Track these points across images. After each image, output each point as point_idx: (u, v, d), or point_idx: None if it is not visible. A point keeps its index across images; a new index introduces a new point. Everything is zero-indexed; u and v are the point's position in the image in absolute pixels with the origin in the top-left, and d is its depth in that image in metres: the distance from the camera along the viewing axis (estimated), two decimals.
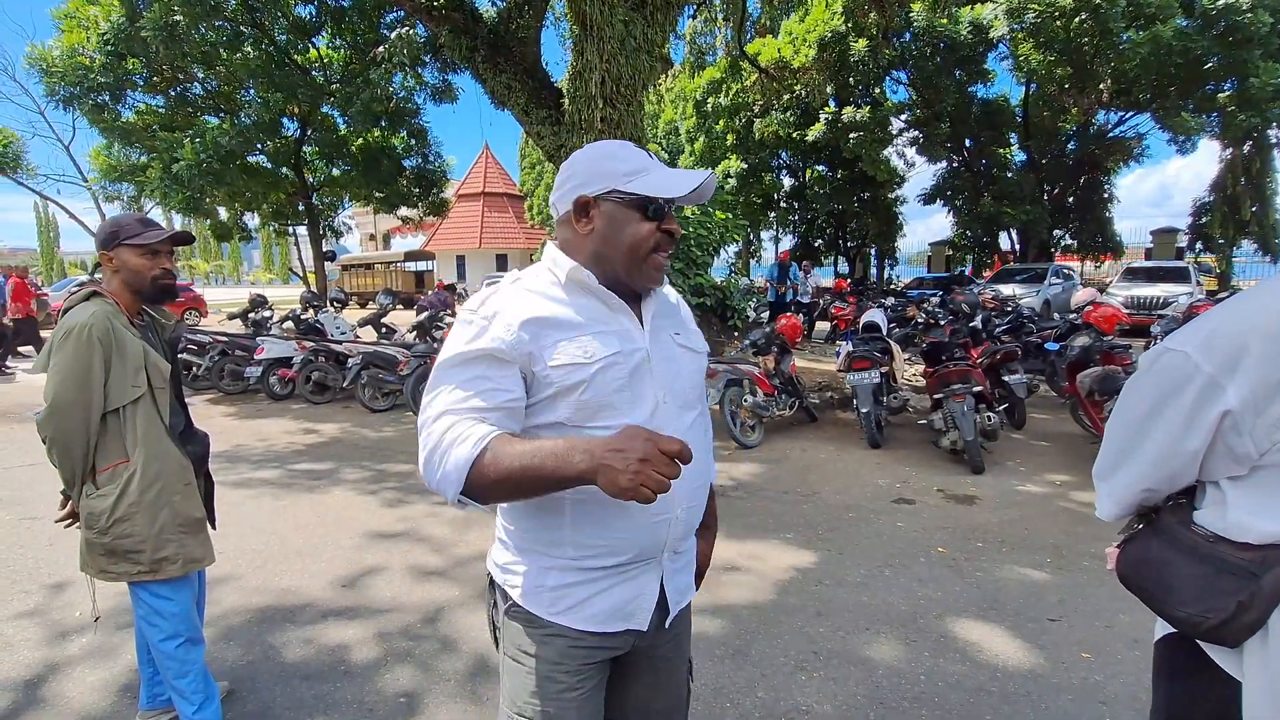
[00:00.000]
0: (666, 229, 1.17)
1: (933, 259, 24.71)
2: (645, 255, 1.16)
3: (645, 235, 1.15)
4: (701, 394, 1.33)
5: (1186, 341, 1.00)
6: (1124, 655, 2.72)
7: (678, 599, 1.29)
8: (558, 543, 1.18)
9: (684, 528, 1.24)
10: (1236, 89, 14.34)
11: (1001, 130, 19.08)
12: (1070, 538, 3.91)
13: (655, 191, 1.13)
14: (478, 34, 8.12)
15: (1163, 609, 1.07)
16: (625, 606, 1.21)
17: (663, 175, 1.15)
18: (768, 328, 6.66)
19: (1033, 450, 5.76)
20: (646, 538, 1.18)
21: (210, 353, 8.61)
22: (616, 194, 1.14)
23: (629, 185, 1.13)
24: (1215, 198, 18.52)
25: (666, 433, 1.11)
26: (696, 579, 1.46)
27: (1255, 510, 0.97)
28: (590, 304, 1.17)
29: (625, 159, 1.16)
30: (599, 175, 1.15)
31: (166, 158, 12.53)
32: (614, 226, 1.15)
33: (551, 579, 1.19)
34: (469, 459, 0.99)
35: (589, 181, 1.16)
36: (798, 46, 16.30)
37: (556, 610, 1.19)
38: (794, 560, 3.66)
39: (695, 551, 1.38)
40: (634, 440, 0.90)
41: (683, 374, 1.24)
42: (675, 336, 1.27)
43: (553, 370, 1.10)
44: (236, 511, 4.45)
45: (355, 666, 2.70)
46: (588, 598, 1.18)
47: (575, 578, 1.18)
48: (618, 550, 1.17)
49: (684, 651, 1.39)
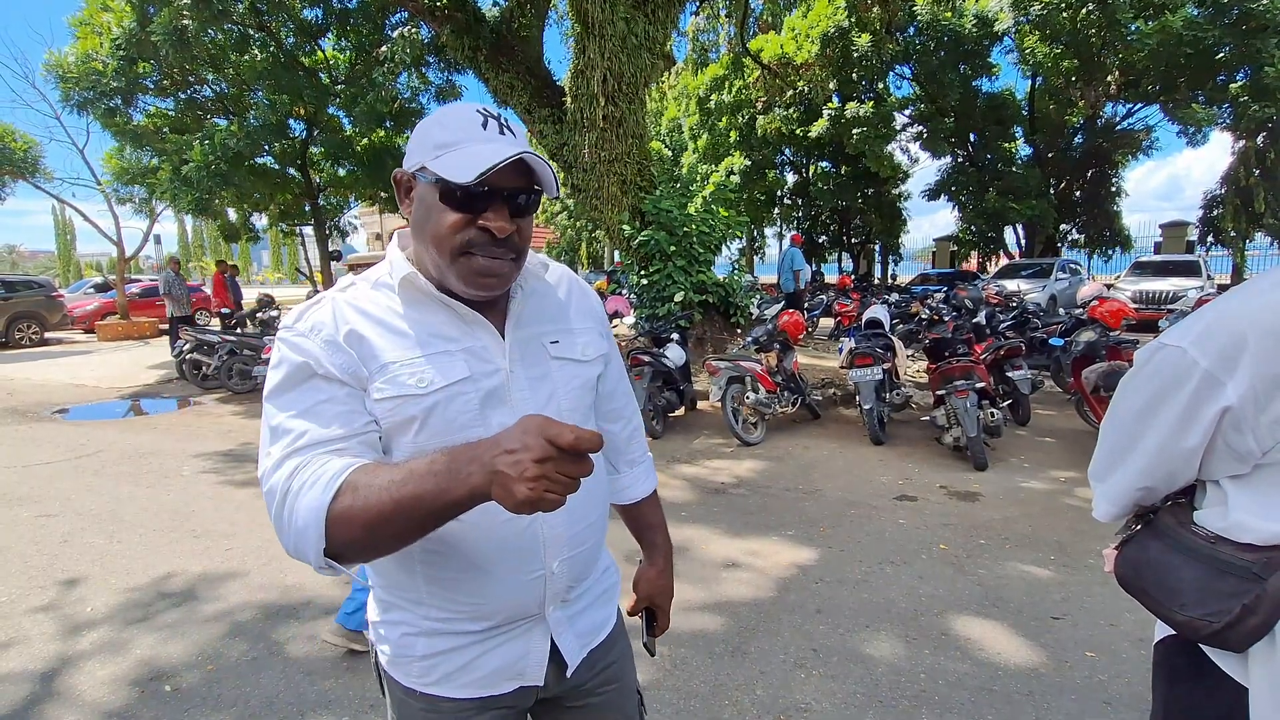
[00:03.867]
0: (484, 226, 0.89)
1: (937, 255, 24.61)
2: (453, 255, 0.90)
3: (449, 229, 0.89)
4: (589, 410, 1.09)
5: (1183, 337, 0.98)
6: (1129, 654, 2.70)
7: (580, 647, 1.10)
8: (418, 601, 1.00)
9: (567, 580, 1.03)
10: (1250, 79, 14.17)
11: (1007, 124, 19.02)
12: (1075, 535, 3.89)
13: (448, 172, 0.86)
14: (480, 33, 8.14)
15: (1163, 612, 1.04)
16: (511, 667, 1.03)
17: (471, 149, 0.87)
18: (770, 324, 6.65)
19: (1037, 447, 5.73)
20: (516, 598, 0.99)
21: (219, 352, 8.69)
22: (425, 171, 0.90)
23: (434, 161, 0.88)
24: (1227, 190, 18.32)
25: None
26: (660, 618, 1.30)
27: (1258, 510, 0.94)
28: (435, 318, 0.95)
29: (447, 125, 0.91)
30: (415, 147, 0.92)
31: (176, 160, 12.65)
32: (422, 212, 0.92)
33: (420, 646, 1.00)
34: (322, 505, 0.76)
35: (410, 153, 0.93)
36: (800, 42, 16.26)
37: (428, 681, 1.02)
38: (794, 557, 3.66)
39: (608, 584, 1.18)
40: (528, 436, 0.69)
41: (557, 394, 1.01)
42: (551, 346, 1.03)
43: (377, 405, 0.89)
44: (244, 509, 4.50)
45: (359, 663, 2.72)
46: (464, 664, 1.01)
47: (446, 644, 1.00)
48: (483, 615, 0.99)
49: (627, 686, 1.20)
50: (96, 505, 4.64)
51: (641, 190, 8.40)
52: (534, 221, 0.98)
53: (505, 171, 0.87)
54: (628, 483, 1.27)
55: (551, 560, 1.00)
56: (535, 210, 0.96)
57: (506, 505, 0.70)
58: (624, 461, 1.26)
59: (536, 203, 0.96)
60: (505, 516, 0.82)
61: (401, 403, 0.89)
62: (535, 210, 0.96)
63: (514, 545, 0.97)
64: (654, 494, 1.31)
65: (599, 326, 1.14)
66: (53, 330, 16.21)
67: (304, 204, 16.70)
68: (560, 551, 1.01)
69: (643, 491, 1.28)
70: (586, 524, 1.05)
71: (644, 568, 1.31)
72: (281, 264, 59.40)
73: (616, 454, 1.26)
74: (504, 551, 0.96)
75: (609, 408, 1.21)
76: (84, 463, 5.71)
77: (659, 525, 1.31)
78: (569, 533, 1.01)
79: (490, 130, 0.91)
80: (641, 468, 1.29)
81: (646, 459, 1.31)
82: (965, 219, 20.21)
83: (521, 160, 0.89)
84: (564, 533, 1.00)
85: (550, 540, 0.99)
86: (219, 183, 12.71)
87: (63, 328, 16.83)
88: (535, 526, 0.97)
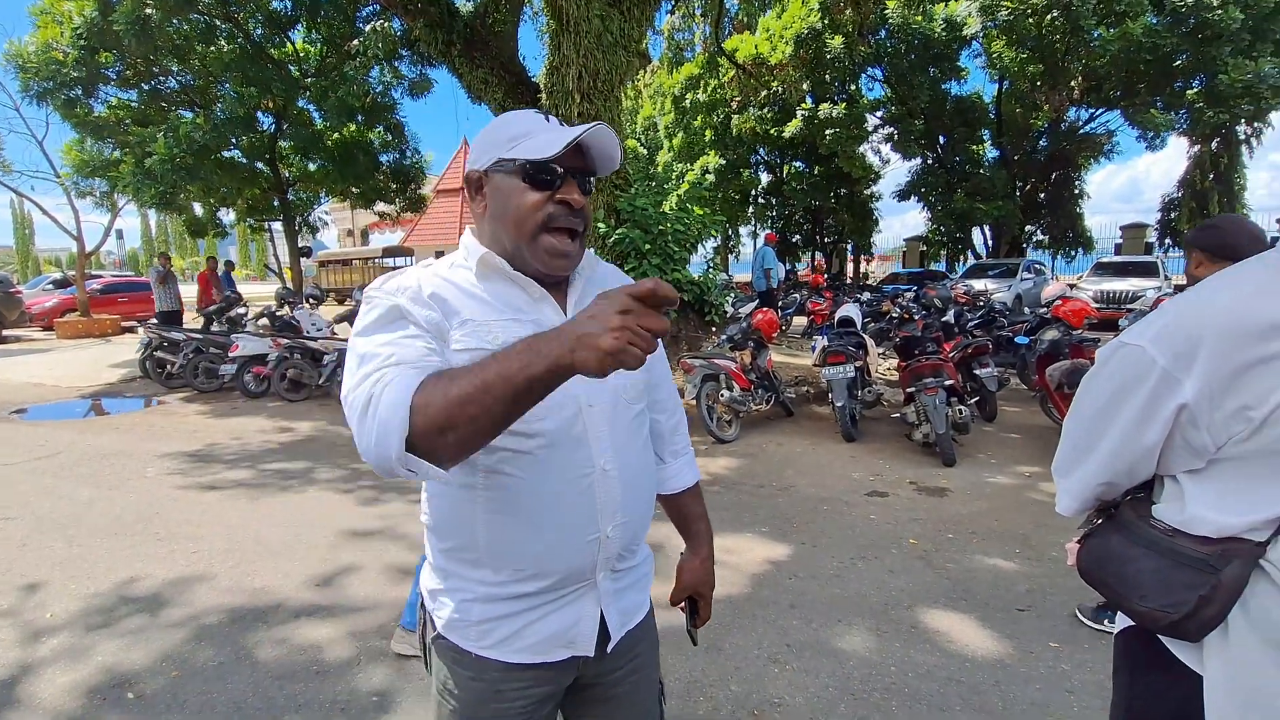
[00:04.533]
0: (562, 199, 1.01)
1: (907, 254, 25.00)
2: (535, 231, 1.01)
3: (531, 206, 1.00)
4: (642, 392, 1.17)
5: (1142, 335, 1.00)
6: (1091, 644, 2.78)
7: (623, 622, 1.16)
8: (476, 563, 1.06)
9: (618, 545, 1.09)
10: (1205, 86, 14.62)
11: (974, 127, 19.38)
12: (1039, 528, 3.99)
13: (533, 154, 0.99)
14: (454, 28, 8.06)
15: (1123, 603, 1.07)
16: (564, 633, 1.08)
17: (547, 136, 1.01)
18: (744, 323, 6.69)
19: (1003, 442, 5.86)
20: (572, 559, 1.05)
21: (184, 350, 8.49)
22: (502, 162, 1.02)
23: (511, 151, 1.01)
24: (1184, 193, 18.94)
25: (594, 441, 1.04)
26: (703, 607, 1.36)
27: (1213, 503, 0.97)
28: (508, 292, 1.05)
29: (513, 123, 1.04)
30: (487, 146, 1.04)
31: (139, 152, 12.34)
32: (500, 201, 1.03)
33: (476, 610, 1.06)
34: (409, 388, 0.81)
35: (480, 155, 1.05)
36: (775, 43, 16.38)
37: (485, 644, 1.07)
38: (768, 553, 3.70)
39: (648, 569, 1.25)
40: (606, 299, 0.75)
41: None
42: None
43: (454, 355, 0.96)
44: (210, 511, 4.40)
45: (328, 666, 2.68)
46: (520, 629, 1.06)
47: (502, 609, 1.06)
48: (539, 574, 1.05)
49: (650, 676, 1.26)
50: (56, 508, 4.51)
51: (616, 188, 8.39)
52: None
53: (570, 155, 1.00)
54: (672, 473, 1.32)
55: (606, 524, 1.06)
56: (591, 193, 1.09)
57: (590, 366, 0.73)
58: (669, 452, 1.31)
59: (592, 187, 1.10)
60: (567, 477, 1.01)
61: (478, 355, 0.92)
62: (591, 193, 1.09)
63: (574, 506, 1.03)
64: (696, 485, 1.36)
65: None
66: (10, 328, 15.73)
67: (273, 199, 16.39)
68: (614, 516, 1.06)
69: (686, 482, 1.33)
70: (636, 492, 1.11)
71: (688, 557, 1.35)
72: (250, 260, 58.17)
73: (662, 444, 1.30)
74: (565, 511, 1.03)
75: (655, 399, 1.26)
76: (43, 464, 5.54)
77: (702, 516, 1.36)
78: (623, 498, 1.07)
79: (552, 122, 1.04)
80: (684, 459, 1.34)
81: (689, 451, 1.36)
82: (935, 219, 20.56)
83: (579, 146, 1.01)
84: (619, 497, 1.06)
85: (605, 504, 1.05)
86: (184, 176, 12.44)
87: (20, 325, 16.34)
88: (592, 489, 1.04)
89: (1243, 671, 0.93)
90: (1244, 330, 0.89)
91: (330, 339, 8.48)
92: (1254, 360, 0.88)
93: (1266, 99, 13.87)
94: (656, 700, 1.29)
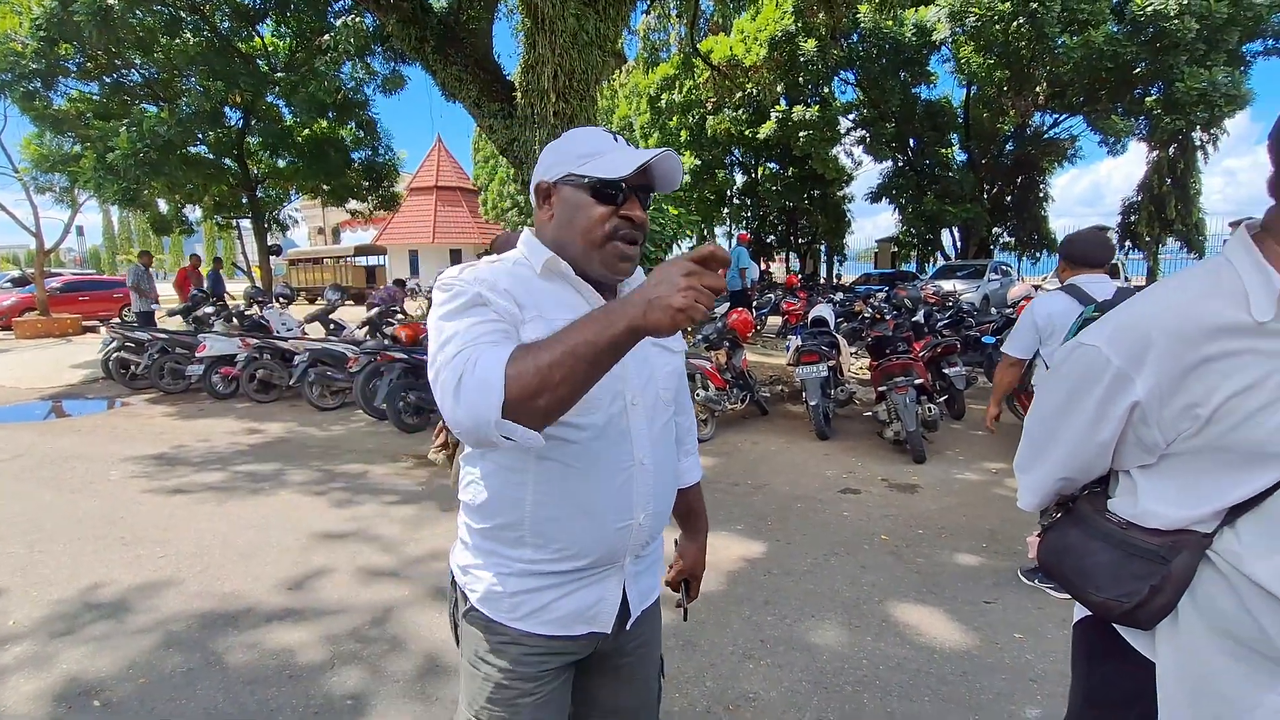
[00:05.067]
0: (626, 214, 1.10)
1: (879, 255, 25.37)
2: (600, 242, 1.10)
3: (598, 220, 1.09)
4: (674, 396, 1.28)
5: (1097, 336, 1.03)
6: (1054, 635, 2.86)
7: (640, 601, 1.28)
8: (517, 543, 1.15)
9: (647, 534, 1.20)
10: (1163, 93, 15.08)
11: (944, 131, 19.74)
12: (1005, 523, 4.10)
13: (604, 173, 1.08)
14: (427, 24, 7.97)
15: (1080, 594, 1.10)
16: (588, 610, 1.19)
17: (616, 156, 1.10)
18: (720, 322, 6.75)
19: (971, 440, 5.99)
20: (608, 543, 1.16)
21: (149, 350, 8.27)
22: (572, 177, 1.11)
23: (582, 168, 1.10)
24: (1143, 197, 19.44)
25: (635, 436, 1.14)
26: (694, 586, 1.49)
27: (1163, 497, 1.00)
28: (566, 295, 1.13)
29: (583, 141, 1.13)
30: (558, 160, 1.13)
31: (101, 147, 11.99)
32: (568, 211, 1.12)
33: (511, 584, 1.16)
34: (501, 359, 0.88)
35: (550, 167, 1.14)
36: (749, 45, 16.51)
37: (517, 616, 1.17)
38: (743, 551, 3.74)
39: (660, 554, 1.36)
40: (670, 265, 0.84)
41: (657, 375, 1.20)
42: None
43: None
44: (177, 515, 4.32)
45: (301, 670, 2.65)
46: (549, 602, 1.16)
47: (535, 583, 1.16)
48: (577, 555, 1.14)
49: (653, 653, 1.38)
50: (16, 513, 4.38)
51: None
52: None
53: (635, 174, 1.08)
54: (684, 469, 1.43)
55: (639, 513, 1.17)
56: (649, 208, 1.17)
57: (663, 324, 0.82)
58: (683, 450, 1.43)
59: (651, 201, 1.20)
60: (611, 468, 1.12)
61: None
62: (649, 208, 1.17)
63: (614, 495, 1.14)
64: (700, 481, 1.50)
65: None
66: None
67: (241, 196, 16.02)
68: (647, 505, 1.18)
69: (694, 478, 1.47)
70: (665, 485, 1.23)
71: (686, 544, 1.50)
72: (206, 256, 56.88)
73: (679, 442, 1.39)
74: (606, 499, 1.13)
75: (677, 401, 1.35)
76: (2, 467, 5.37)
77: (702, 509, 1.52)
78: (655, 489, 1.19)
79: (620, 143, 1.13)
80: (694, 458, 1.48)
81: (696, 450, 1.49)
82: (905, 221, 20.89)
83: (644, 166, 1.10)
84: (652, 487, 1.18)
85: (640, 494, 1.16)
86: (147, 172, 12.13)
87: None
88: (631, 481, 1.15)
89: (1191, 658, 0.97)
90: (1191, 332, 0.92)
91: (301, 339, 8.34)
92: (1199, 360, 0.91)
93: (1220, 106, 14.34)
94: (657, 675, 1.40)
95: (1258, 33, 14.86)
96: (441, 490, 4.70)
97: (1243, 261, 0.93)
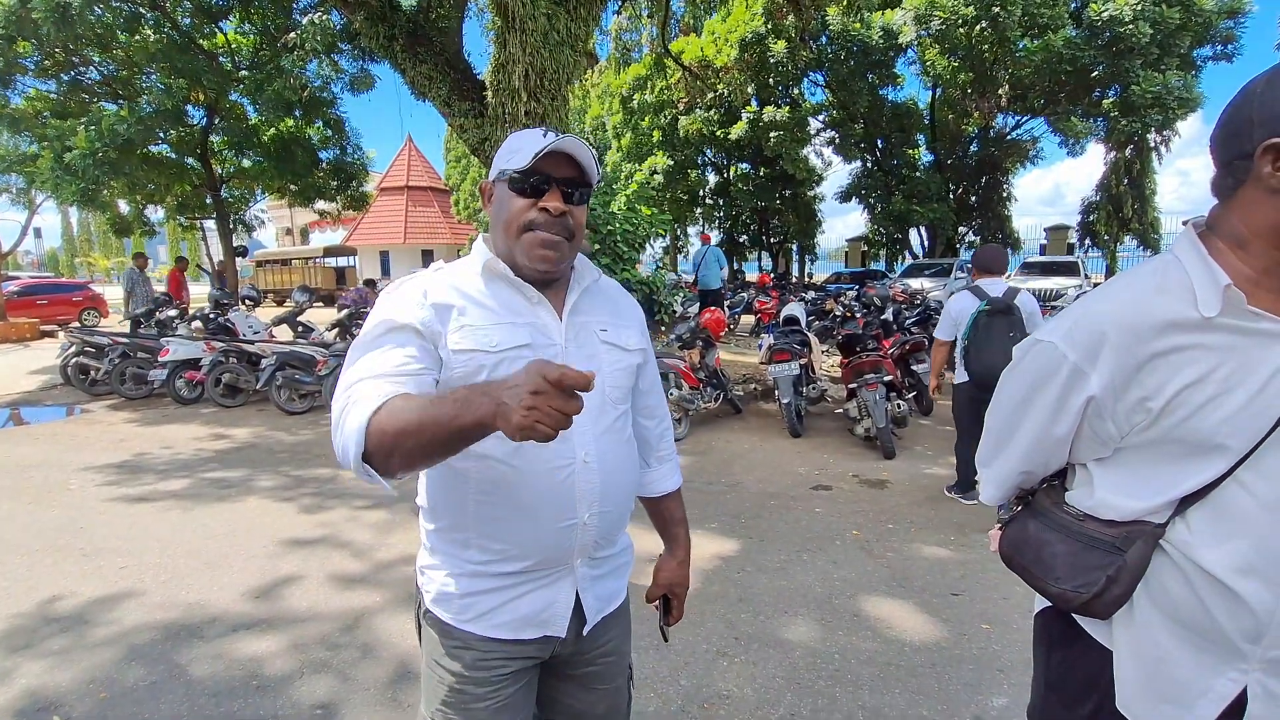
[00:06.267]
0: (543, 205, 1.11)
1: (849, 254, 25.69)
2: (518, 233, 1.12)
3: (517, 212, 1.12)
4: (626, 393, 1.25)
5: (1054, 332, 1.05)
6: (1020, 625, 2.92)
7: (600, 607, 1.25)
8: (465, 544, 1.16)
9: (595, 534, 1.18)
10: (1120, 96, 15.52)
11: (910, 132, 20.07)
12: (972, 516, 4.18)
13: (513, 164, 1.11)
14: (396, 22, 7.87)
15: (1040, 585, 1.12)
16: (538, 614, 1.18)
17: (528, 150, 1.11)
18: (693, 322, 6.78)
19: (939, 435, 6.10)
20: (551, 543, 1.15)
21: (110, 355, 8.04)
22: (500, 175, 1.15)
23: (507, 164, 1.13)
24: (1101, 197, 19.99)
25: (576, 434, 1.12)
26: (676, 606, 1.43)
27: (1118, 489, 1.03)
28: (507, 295, 1.15)
29: (516, 139, 1.15)
30: (497, 160, 1.16)
31: (59, 146, 11.62)
32: (496, 208, 1.16)
33: (462, 585, 1.17)
34: (367, 415, 0.91)
35: (492, 168, 1.17)
36: (720, 46, 16.60)
37: (465, 618, 1.17)
38: (717, 549, 3.77)
39: (626, 560, 1.33)
40: (527, 373, 0.79)
41: (603, 373, 1.18)
42: (601, 332, 1.21)
43: (453, 355, 1.07)
44: (139, 524, 4.20)
45: (269, 680, 2.60)
46: (499, 605, 1.16)
47: (483, 585, 1.16)
48: (521, 555, 1.14)
49: (621, 659, 1.35)
50: None
51: None
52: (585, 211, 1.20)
53: (558, 166, 1.10)
54: (656, 477, 1.41)
55: (584, 511, 1.15)
56: (585, 203, 1.17)
57: (507, 432, 0.80)
58: (654, 457, 1.40)
59: (587, 196, 1.17)
60: (549, 466, 1.10)
61: (475, 355, 1.08)
62: (585, 203, 1.17)
63: (554, 493, 1.12)
64: (678, 490, 1.45)
65: (640, 327, 1.32)
66: None
67: (205, 196, 15.62)
68: (592, 505, 1.15)
69: (669, 487, 1.42)
70: (615, 485, 1.19)
71: (665, 558, 1.44)
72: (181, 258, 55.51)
73: (648, 450, 1.39)
74: (546, 497, 1.12)
75: (644, 404, 1.36)
76: None
77: (681, 520, 1.45)
78: (602, 489, 1.16)
79: (549, 136, 1.11)
80: (669, 465, 1.42)
81: (674, 457, 1.44)
82: (875, 221, 21.19)
83: (573, 158, 1.11)
84: (597, 487, 1.15)
85: (584, 493, 1.14)
86: (107, 172, 11.79)
87: None
88: (573, 479, 1.13)
89: (1146, 644, 1.00)
90: (1142, 327, 0.95)
91: (268, 342, 8.17)
92: (1151, 354, 0.94)
93: (1173, 109, 14.80)
94: (626, 682, 1.37)
95: (1208, 38, 15.35)
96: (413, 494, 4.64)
97: (1189, 258, 0.96)
